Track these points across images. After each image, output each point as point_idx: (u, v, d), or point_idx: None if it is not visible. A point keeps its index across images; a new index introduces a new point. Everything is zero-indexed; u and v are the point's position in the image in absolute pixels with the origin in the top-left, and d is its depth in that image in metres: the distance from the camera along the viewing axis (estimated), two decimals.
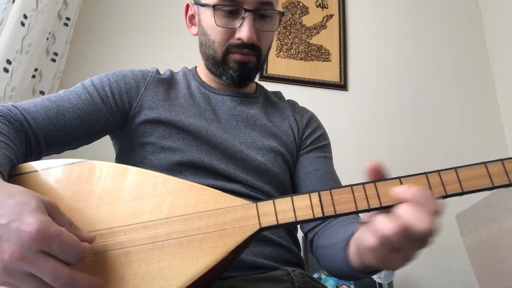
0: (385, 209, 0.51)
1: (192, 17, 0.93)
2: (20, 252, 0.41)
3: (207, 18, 0.84)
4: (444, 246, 1.81)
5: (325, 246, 0.75)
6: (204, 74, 0.93)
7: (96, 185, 0.55)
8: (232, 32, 0.82)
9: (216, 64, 0.85)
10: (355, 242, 0.58)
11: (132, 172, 0.56)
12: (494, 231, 1.27)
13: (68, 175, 0.55)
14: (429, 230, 0.46)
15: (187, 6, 0.94)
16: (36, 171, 0.56)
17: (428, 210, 0.47)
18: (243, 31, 0.80)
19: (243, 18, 0.81)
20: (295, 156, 0.90)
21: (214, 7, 0.81)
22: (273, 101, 0.98)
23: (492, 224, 1.28)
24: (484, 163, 0.50)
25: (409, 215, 0.47)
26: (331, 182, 0.87)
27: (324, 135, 0.96)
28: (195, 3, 0.90)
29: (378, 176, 0.52)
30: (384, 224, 0.48)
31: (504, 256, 1.23)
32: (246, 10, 0.80)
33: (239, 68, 0.84)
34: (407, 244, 0.48)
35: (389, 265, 0.51)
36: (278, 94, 1.03)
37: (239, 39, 0.81)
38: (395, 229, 0.47)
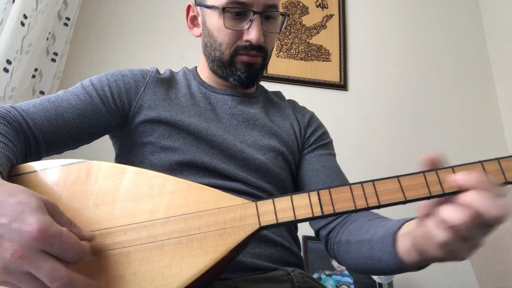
0: (387, 206, 0.51)
1: (194, 18, 0.93)
2: (21, 251, 0.41)
3: (214, 20, 0.84)
4: None
5: (353, 242, 0.73)
6: (205, 74, 0.92)
7: (96, 185, 0.55)
8: (240, 34, 0.82)
9: (223, 65, 0.86)
10: (410, 238, 0.57)
11: (131, 172, 0.56)
12: (494, 231, 1.27)
13: (67, 175, 0.55)
14: (502, 215, 0.46)
15: (188, 7, 0.93)
16: (35, 171, 0.56)
17: (495, 195, 0.47)
18: (252, 33, 0.81)
19: (251, 21, 0.81)
20: (297, 156, 0.90)
21: (223, 9, 0.81)
22: (274, 101, 0.98)
23: None
24: (481, 161, 0.51)
25: (479, 202, 0.46)
26: (340, 178, 0.87)
27: (326, 133, 0.97)
28: (198, 5, 0.89)
29: (435, 166, 0.52)
30: (453, 215, 0.47)
31: (504, 256, 1.23)
32: (255, 13, 0.80)
33: (247, 70, 0.84)
34: (477, 232, 0.48)
35: (458, 255, 0.50)
36: (278, 94, 1.03)
37: (247, 41, 0.82)
38: (466, 218, 0.46)
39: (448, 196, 0.50)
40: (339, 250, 0.77)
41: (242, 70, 0.84)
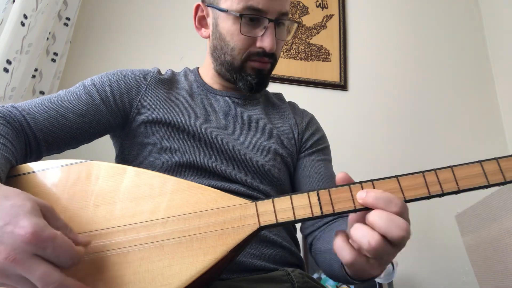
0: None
1: (202, 18, 0.91)
2: (14, 254, 0.41)
3: (228, 24, 0.83)
4: (444, 246, 1.81)
5: (323, 251, 0.76)
6: (208, 75, 0.92)
7: (95, 186, 0.55)
8: (253, 40, 0.82)
9: (233, 70, 0.85)
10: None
11: (131, 172, 0.56)
12: (494, 231, 1.27)
13: (66, 175, 0.55)
14: (404, 235, 0.46)
15: (197, 7, 0.91)
16: (34, 172, 0.56)
17: (395, 213, 0.48)
18: (266, 41, 0.81)
19: (266, 28, 0.81)
20: (295, 158, 0.91)
21: (241, 16, 0.80)
22: (274, 103, 0.98)
23: (492, 224, 1.28)
24: (480, 161, 0.51)
25: (381, 222, 0.47)
26: (332, 184, 0.87)
27: (323, 138, 0.97)
28: (208, 5, 0.88)
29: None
30: (364, 239, 0.47)
31: (504, 256, 1.23)
32: (269, 20, 0.81)
33: (257, 76, 0.85)
34: (387, 252, 0.48)
35: (368, 273, 0.51)
36: (279, 96, 1.03)
37: (260, 47, 0.82)
38: (376, 243, 0.47)
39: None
40: (316, 257, 0.80)
41: (252, 76, 0.84)
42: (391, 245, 0.48)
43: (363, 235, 0.48)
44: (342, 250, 0.50)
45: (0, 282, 0.43)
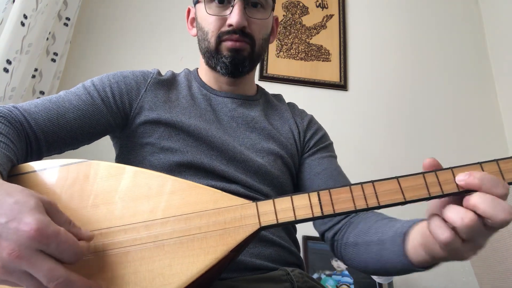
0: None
1: (192, 20, 0.95)
2: (18, 250, 0.41)
3: (201, 11, 0.87)
4: None
5: (360, 244, 0.74)
6: (205, 75, 0.93)
7: (95, 185, 0.55)
8: (223, 20, 0.84)
9: (211, 55, 0.86)
10: (419, 237, 0.57)
11: (131, 171, 0.56)
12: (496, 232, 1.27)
13: (67, 175, 0.55)
14: (507, 219, 0.46)
15: (188, 10, 0.96)
16: (35, 171, 0.56)
17: (501, 194, 0.47)
18: (233, 17, 0.82)
19: (233, 6, 0.83)
20: (297, 159, 0.90)
21: None
22: (274, 104, 0.98)
23: None
24: (480, 163, 0.51)
25: (484, 205, 0.46)
26: (341, 179, 0.87)
27: (326, 136, 0.97)
28: (194, 4, 0.92)
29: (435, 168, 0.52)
30: (455, 217, 0.47)
31: (504, 256, 1.23)
32: None
33: (231, 55, 0.84)
34: (480, 234, 0.48)
35: (460, 256, 0.50)
36: (278, 97, 1.03)
37: (229, 25, 0.83)
38: (467, 221, 0.46)
39: (453, 196, 0.51)
40: (346, 252, 0.77)
41: (226, 56, 0.84)
42: (486, 226, 0.47)
43: (457, 213, 0.47)
44: (439, 228, 0.49)
45: (3, 279, 0.43)
